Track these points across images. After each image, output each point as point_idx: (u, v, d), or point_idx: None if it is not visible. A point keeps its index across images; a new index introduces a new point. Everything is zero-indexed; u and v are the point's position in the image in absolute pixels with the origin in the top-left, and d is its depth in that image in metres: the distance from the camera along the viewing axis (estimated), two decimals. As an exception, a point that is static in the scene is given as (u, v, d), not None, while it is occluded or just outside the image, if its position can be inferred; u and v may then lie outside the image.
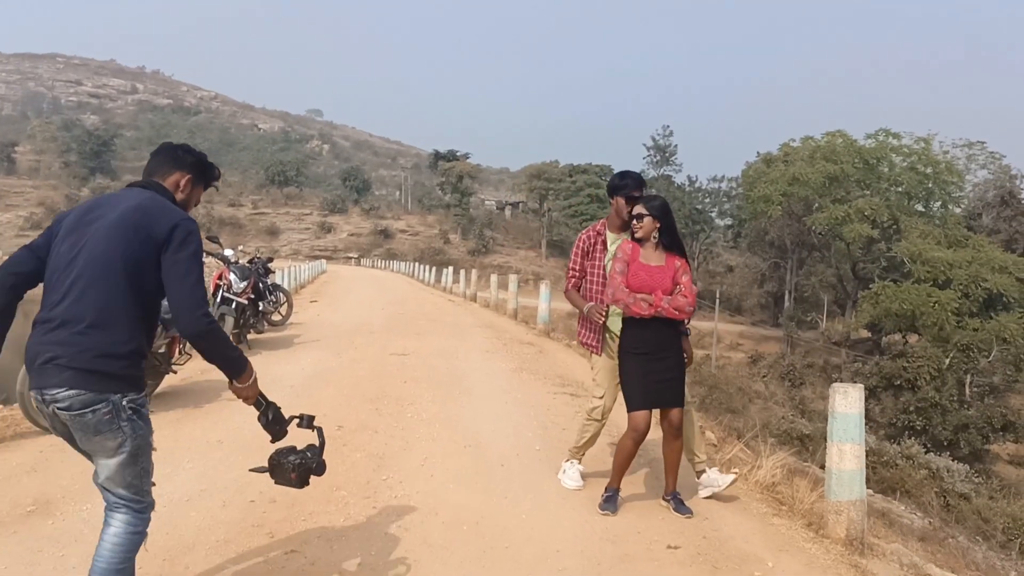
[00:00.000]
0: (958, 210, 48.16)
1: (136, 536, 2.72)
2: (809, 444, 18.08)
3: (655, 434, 4.68)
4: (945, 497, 16.34)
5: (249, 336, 10.70)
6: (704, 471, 4.91)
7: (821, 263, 53.05)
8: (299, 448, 3.06)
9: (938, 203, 46.00)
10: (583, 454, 5.04)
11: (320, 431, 3.13)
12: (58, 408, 2.54)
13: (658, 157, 66.97)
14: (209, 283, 10.29)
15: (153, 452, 2.80)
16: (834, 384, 4.58)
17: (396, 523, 4.14)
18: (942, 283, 36.06)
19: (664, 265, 4.40)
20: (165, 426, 6.02)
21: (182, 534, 3.85)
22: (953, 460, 20.16)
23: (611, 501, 4.53)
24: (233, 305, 9.60)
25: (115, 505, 2.71)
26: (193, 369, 8.26)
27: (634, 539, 4.14)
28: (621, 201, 4.79)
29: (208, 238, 10.91)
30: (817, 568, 3.95)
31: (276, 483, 3.07)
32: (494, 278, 21.25)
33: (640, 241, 4.45)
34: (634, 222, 4.47)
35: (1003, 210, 50.38)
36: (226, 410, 6.53)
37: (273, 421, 2.96)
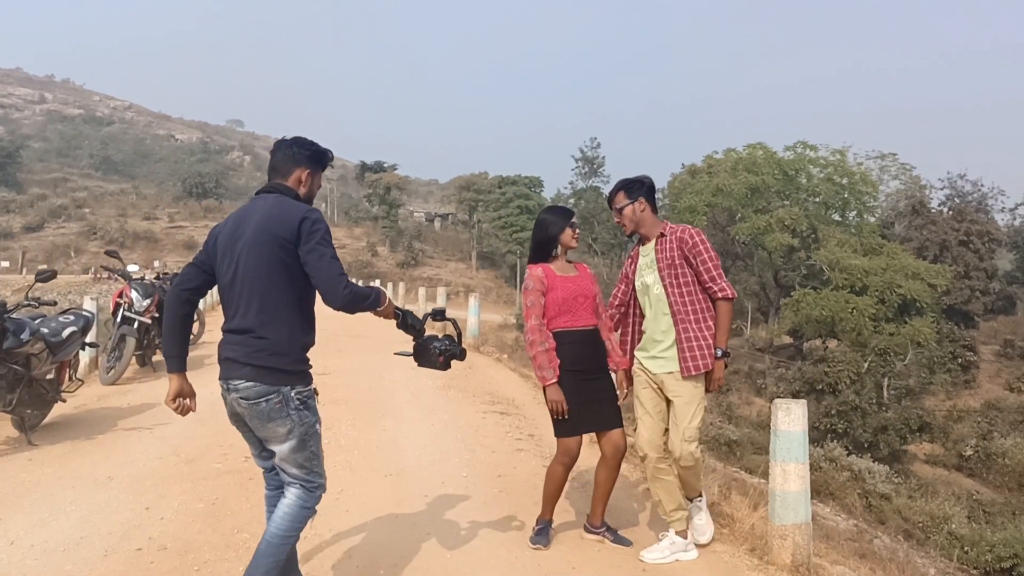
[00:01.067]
0: (873, 219, 49.66)
1: (305, 510, 3.07)
2: (736, 449, 18.19)
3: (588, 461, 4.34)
4: (867, 498, 16.57)
5: (154, 358, 9.99)
6: (675, 530, 4.14)
7: (745, 271, 54.03)
8: (440, 337, 3.41)
9: (854, 213, 47.33)
10: (675, 514, 4.13)
11: (455, 322, 3.58)
12: (238, 397, 2.94)
13: (586, 168, 67.44)
14: (109, 301, 9.61)
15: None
16: (776, 400, 4.30)
17: (304, 570, 3.68)
18: (859, 290, 37.04)
19: (578, 275, 4.21)
20: (50, 461, 5.43)
21: (50, 595, 3.32)
22: (874, 461, 20.47)
23: (543, 534, 4.16)
24: (135, 324, 8.93)
25: (290, 482, 3.07)
26: (89, 395, 7.62)
27: (569, 575, 3.77)
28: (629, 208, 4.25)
29: (107, 252, 10.24)
30: (763, 600, 3.66)
31: (419, 365, 3.44)
32: (422, 291, 20.77)
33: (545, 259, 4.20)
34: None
35: (914, 219, 52.24)
36: (121, 441, 5.94)
37: (411, 324, 3.32)
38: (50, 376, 6.22)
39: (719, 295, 4.03)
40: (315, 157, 3.20)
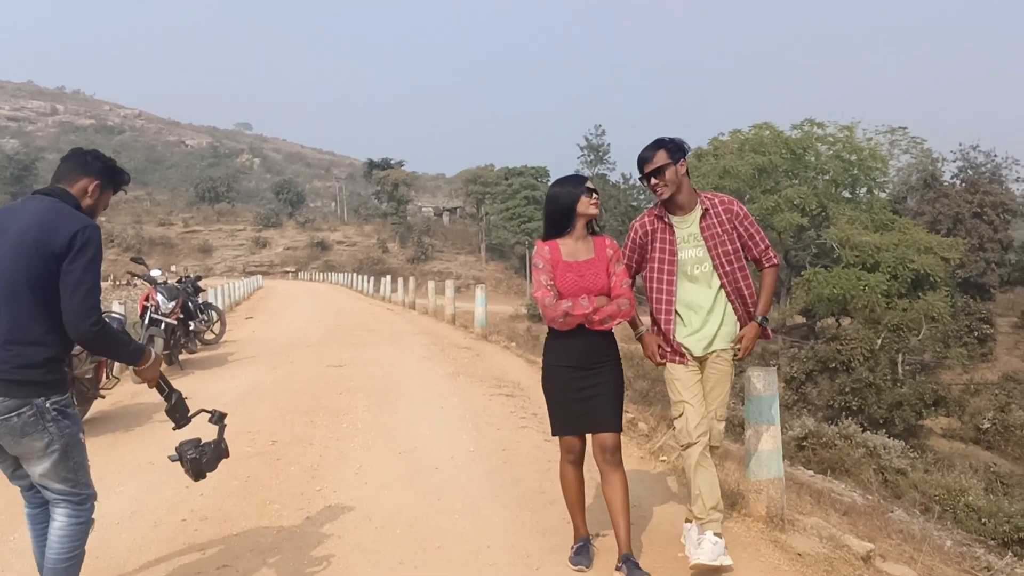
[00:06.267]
0: (883, 195, 49.73)
1: (80, 526, 2.91)
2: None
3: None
4: (883, 474, 16.85)
5: (181, 356, 10.57)
6: (712, 531, 3.73)
7: (755, 252, 54.17)
8: (203, 441, 3.24)
9: (864, 189, 47.45)
10: (713, 513, 3.74)
11: (222, 429, 3.29)
12: None
13: (592, 156, 67.88)
14: (137, 305, 10.15)
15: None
16: (750, 368, 4.75)
17: (329, 531, 4.19)
18: (871, 266, 37.16)
19: (594, 257, 3.64)
20: (95, 451, 5.92)
21: (113, 556, 3.84)
22: (889, 437, 20.72)
23: (582, 553, 3.76)
24: (162, 326, 9.48)
25: (56, 500, 2.89)
26: (123, 393, 8.17)
27: (566, 529, 4.24)
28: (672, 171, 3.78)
29: (133, 259, 10.80)
30: (738, 546, 4.10)
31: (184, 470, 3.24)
32: (431, 284, 21.27)
33: (558, 234, 3.69)
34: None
35: (926, 193, 52.15)
36: (157, 432, 6.48)
37: (174, 408, 3.15)
38: (89, 375, 6.77)
39: (773, 262, 3.92)
40: (108, 172, 3.09)
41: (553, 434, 3.75)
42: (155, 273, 10.32)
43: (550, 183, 4.16)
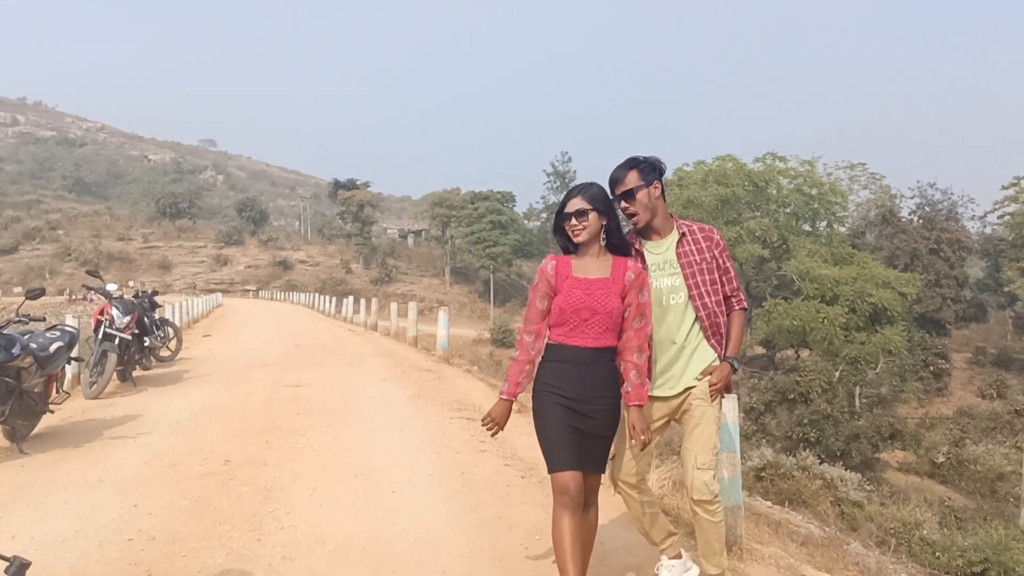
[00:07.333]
0: (843, 229, 50.62)
1: None
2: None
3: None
4: (840, 505, 16.99)
5: (135, 373, 10.35)
6: (669, 556, 3.72)
7: (717, 283, 54.76)
8: None
9: (824, 223, 48.27)
10: (664, 543, 3.68)
11: None
12: None
13: (558, 183, 68.26)
14: (91, 319, 9.94)
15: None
16: (708, 396, 4.75)
17: (281, 553, 4.09)
18: (830, 299, 37.70)
19: (609, 277, 3.25)
20: (41, 467, 5.80)
21: (53, 576, 3.71)
22: (846, 469, 20.91)
23: None
24: (116, 341, 9.28)
25: None
26: (73, 408, 7.98)
27: (523, 554, 4.19)
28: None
29: (88, 272, 10.59)
30: None
31: None
32: (394, 306, 21.15)
33: (573, 249, 3.34)
34: (572, 222, 3.27)
35: (884, 228, 53.25)
36: (107, 448, 6.32)
37: None
38: (38, 389, 6.59)
39: (743, 304, 3.67)
40: None
41: (549, 471, 3.22)
42: (111, 287, 10.13)
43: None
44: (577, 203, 3.24)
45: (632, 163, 3.49)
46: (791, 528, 7.94)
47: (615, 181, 3.48)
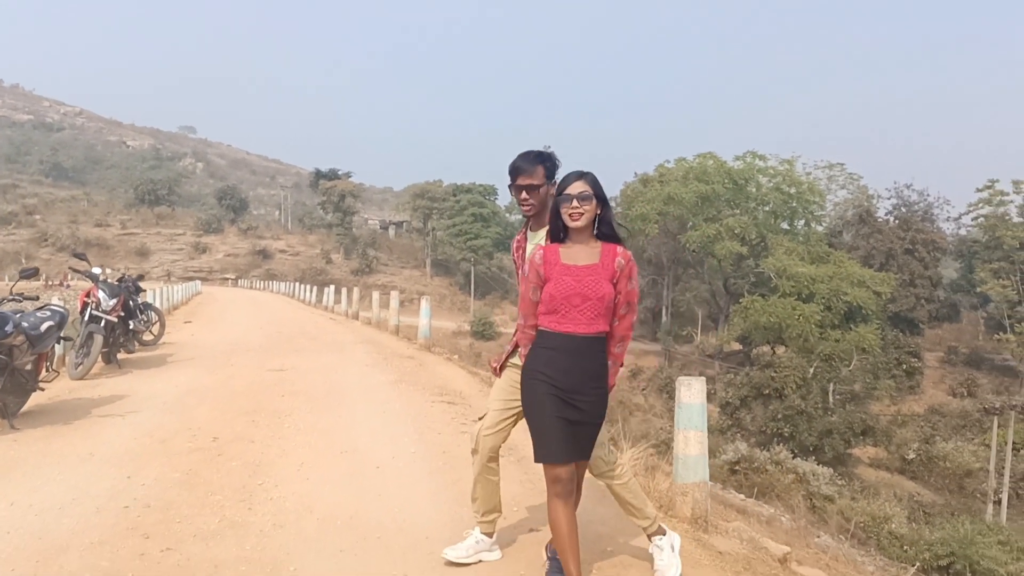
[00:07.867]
0: (820, 228, 51.33)
1: None
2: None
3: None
4: (811, 499, 17.38)
5: (120, 355, 10.47)
6: (656, 535, 3.85)
7: (695, 279, 55.30)
8: None
9: (802, 221, 48.90)
10: (485, 516, 3.87)
11: None
12: None
13: (539, 177, 68.28)
14: (77, 301, 10.06)
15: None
16: (679, 377, 4.99)
17: (271, 521, 4.29)
18: (806, 297, 38.25)
19: (598, 263, 3.27)
20: (33, 442, 5.95)
21: (55, 538, 3.90)
22: (818, 464, 21.37)
23: None
24: (102, 323, 9.40)
25: None
26: (61, 387, 8.11)
27: (503, 524, 4.40)
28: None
29: (75, 255, 10.69)
30: (664, 544, 4.32)
31: None
32: (376, 295, 21.29)
33: (562, 236, 3.34)
34: (574, 204, 3.24)
35: (861, 228, 53.99)
36: (96, 425, 6.48)
37: None
38: (29, 367, 6.73)
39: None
40: None
41: (537, 461, 3.27)
42: (96, 270, 10.24)
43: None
44: (580, 186, 3.25)
45: (540, 158, 3.63)
46: (758, 512, 8.23)
47: (520, 171, 3.62)
